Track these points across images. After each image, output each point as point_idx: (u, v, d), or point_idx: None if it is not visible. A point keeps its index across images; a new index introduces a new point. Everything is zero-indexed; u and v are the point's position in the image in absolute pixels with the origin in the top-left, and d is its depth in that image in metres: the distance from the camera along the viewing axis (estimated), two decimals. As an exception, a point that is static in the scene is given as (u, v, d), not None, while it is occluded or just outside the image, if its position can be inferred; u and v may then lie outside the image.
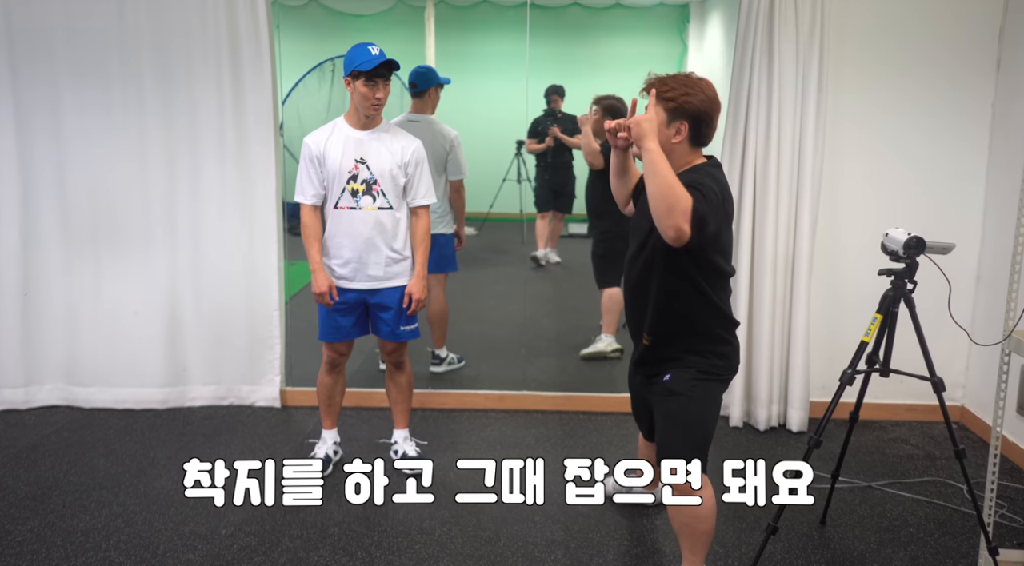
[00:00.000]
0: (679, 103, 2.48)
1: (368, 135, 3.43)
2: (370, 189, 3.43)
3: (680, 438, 2.64)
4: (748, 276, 4.17)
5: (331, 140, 3.42)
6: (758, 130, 4.05)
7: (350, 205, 3.43)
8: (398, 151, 3.45)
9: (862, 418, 4.25)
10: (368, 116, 3.41)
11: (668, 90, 2.49)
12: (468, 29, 10.34)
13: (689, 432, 2.65)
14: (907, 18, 4.08)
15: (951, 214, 4.21)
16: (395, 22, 10.30)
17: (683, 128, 2.51)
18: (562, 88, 8.16)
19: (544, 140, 7.75)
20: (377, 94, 3.34)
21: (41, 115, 4.18)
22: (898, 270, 2.72)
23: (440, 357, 4.97)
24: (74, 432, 4.10)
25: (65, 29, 4.12)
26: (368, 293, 3.53)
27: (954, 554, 3.10)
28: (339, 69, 10.97)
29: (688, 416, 2.65)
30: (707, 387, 2.67)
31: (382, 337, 3.63)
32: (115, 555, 2.99)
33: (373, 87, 3.32)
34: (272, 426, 4.22)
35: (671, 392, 2.67)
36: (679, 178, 2.39)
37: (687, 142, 2.54)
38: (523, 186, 8.78)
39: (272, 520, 3.26)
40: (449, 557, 3.03)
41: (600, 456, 3.89)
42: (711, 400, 2.70)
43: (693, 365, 2.66)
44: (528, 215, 8.80)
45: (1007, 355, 2.79)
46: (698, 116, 2.50)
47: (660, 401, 2.72)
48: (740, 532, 3.23)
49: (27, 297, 4.29)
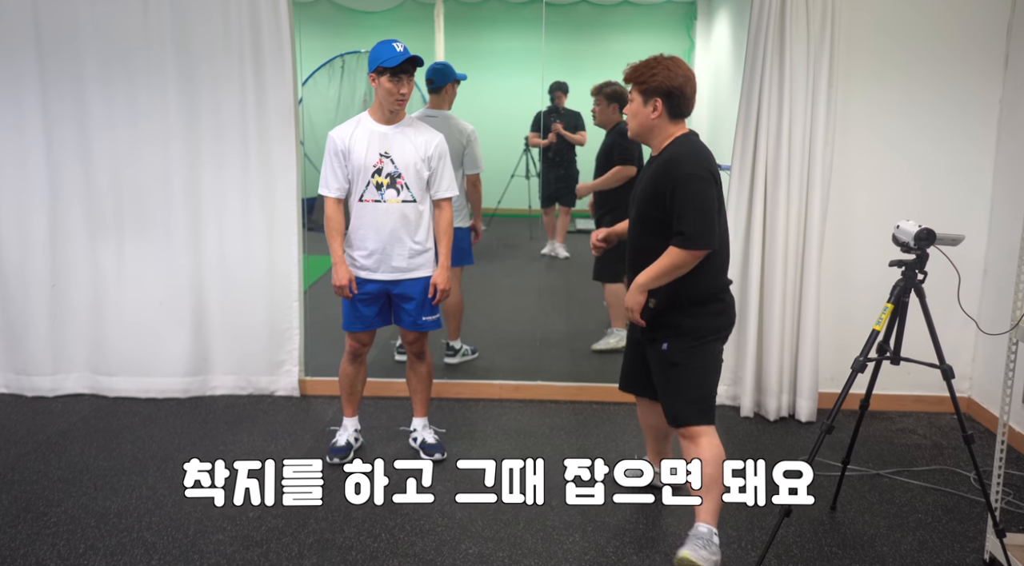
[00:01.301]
0: (647, 84, 2.85)
1: (392, 129, 3.51)
2: (394, 182, 3.51)
3: (684, 405, 2.93)
4: (759, 269, 4.26)
5: (356, 134, 3.51)
6: (769, 128, 4.14)
7: (375, 198, 3.52)
8: (422, 145, 3.53)
9: (871, 409, 4.36)
10: (393, 111, 3.49)
11: (638, 75, 2.88)
12: (477, 26, 10.42)
13: (692, 401, 2.92)
14: (915, 18, 4.16)
15: (958, 209, 4.29)
16: (405, 19, 10.38)
17: (657, 104, 2.85)
18: (565, 85, 8.26)
19: (547, 135, 7.85)
20: (402, 90, 3.43)
21: (68, 111, 4.28)
22: (909, 261, 2.80)
23: (455, 349, 5.06)
24: (100, 419, 4.20)
25: (91, 27, 4.21)
26: (391, 284, 3.62)
27: (961, 538, 3.19)
28: (348, 65, 11.09)
29: (689, 385, 2.92)
30: (704, 351, 2.92)
31: (404, 327, 3.71)
32: (148, 535, 3.09)
33: (398, 83, 3.41)
34: (292, 415, 4.32)
35: (670, 363, 2.92)
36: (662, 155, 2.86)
37: (665, 116, 2.87)
38: (531, 182, 8.87)
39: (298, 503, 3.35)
40: (470, 538, 3.13)
41: (613, 443, 4.03)
42: (710, 362, 2.97)
43: (689, 332, 2.90)
44: (537, 211, 8.90)
45: (1014, 344, 2.87)
46: (667, 90, 2.83)
47: (659, 368, 3.00)
48: (753, 516, 3.32)
49: (54, 289, 4.39)
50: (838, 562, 3.02)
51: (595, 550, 3.07)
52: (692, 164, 2.80)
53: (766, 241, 4.24)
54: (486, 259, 7.74)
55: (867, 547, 3.12)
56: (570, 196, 7.97)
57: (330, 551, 3.02)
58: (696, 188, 2.78)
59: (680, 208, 2.78)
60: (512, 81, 9.63)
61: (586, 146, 7.42)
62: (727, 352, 4.41)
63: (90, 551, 2.98)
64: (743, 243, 4.30)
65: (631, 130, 2.99)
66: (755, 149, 4.18)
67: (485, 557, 3.01)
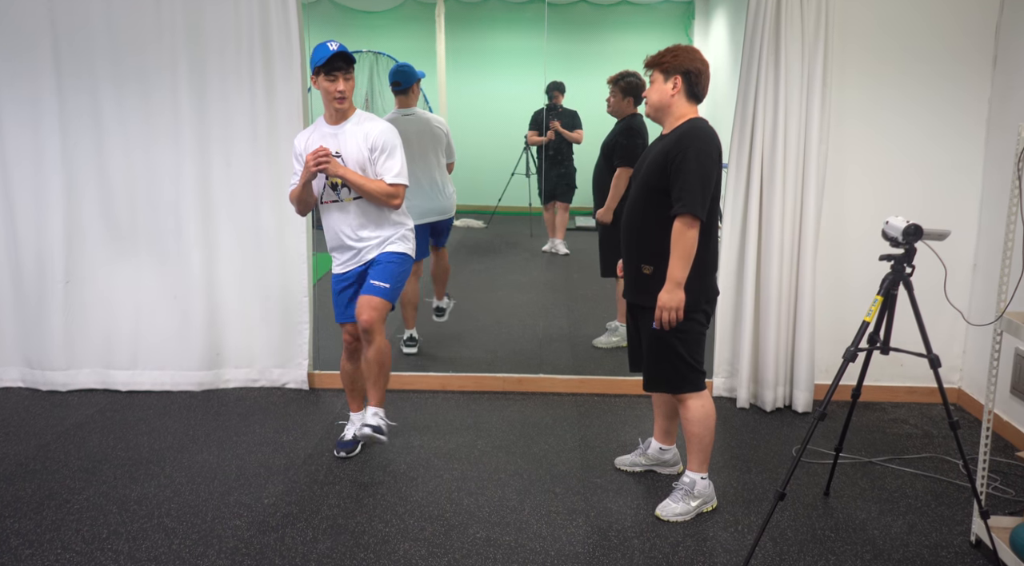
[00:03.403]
0: (669, 63, 3.14)
1: (339, 129, 3.60)
2: (346, 182, 3.58)
3: (665, 377, 3.29)
4: (755, 263, 4.38)
5: (311, 138, 3.62)
6: (765, 125, 4.26)
7: (332, 199, 3.64)
8: (362, 137, 3.57)
9: (865, 400, 4.52)
10: (337, 110, 3.57)
11: (660, 58, 3.18)
12: (478, 26, 10.52)
13: (676, 370, 3.24)
14: (908, 17, 4.28)
15: (949, 205, 4.42)
16: (406, 18, 10.48)
17: (678, 81, 3.14)
18: (562, 84, 8.38)
19: (545, 133, 7.98)
20: (338, 87, 3.48)
21: (82, 109, 4.40)
22: (897, 255, 2.92)
23: (442, 308, 5.47)
24: (116, 412, 4.32)
25: (105, 27, 4.32)
26: (362, 267, 3.74)
27: (949, 522, 3.32)
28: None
29: (677, 356, 3.22)
30: (691, 325, 3.19)
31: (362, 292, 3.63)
32: (168, 521, 3.22)
33: (333, 80, 3.48)
34: (302, 407, 4.44)
35: (657, 338, 3.21)
36: (675, 132, 3.12)
37: (683, 95, 3.16)
38: (531, 180, 8.98)
39: (311, 491, 3.48)
40: (477, 523, 3.25)
41: (614, 433, 4.15)
42: (695, 335, 3.24)
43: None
44: (537, 209, 9.01)
45: (999, 335, 2.99)
46: (686, 70, 3.13)
47: (648, 343, 3.28)
48: (749, 502, 3.45)
49: (68, 285, 4.50)
50: (830, 545, 3.14)
51: (598, 534, 3.19)
52: (704, 142, 3.09)
53: (762, 236, 4.36)
54: (488, 256, 7.87)
55: (859, 531, 3.25)
56: (568, 192, 8.09)
57: (343, 535, 3.14)
58: (702, 162, 3.05)
59: (684, 175, 3.04)
60: (513, 80, 9.73)
61: (583, 145, 7.54)
62: (723, 344, 4.56)
63: (113, 536, 3.10)
64: (740, 238, 4.42)
65: (649, 106, 3.24)
66: (751, 146, 4.30)
67: (492, 541, 3.13)
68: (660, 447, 3.69)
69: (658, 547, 3.11)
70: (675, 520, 3.29)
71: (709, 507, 3.38)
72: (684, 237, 3.04)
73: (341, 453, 3.82)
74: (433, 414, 4.36)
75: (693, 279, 3.14)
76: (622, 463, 3.76)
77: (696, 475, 3.35)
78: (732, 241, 4.44)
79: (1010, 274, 2.94)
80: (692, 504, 3.32)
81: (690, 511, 3.31)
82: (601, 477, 3.67)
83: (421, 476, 3.65)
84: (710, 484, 3.38)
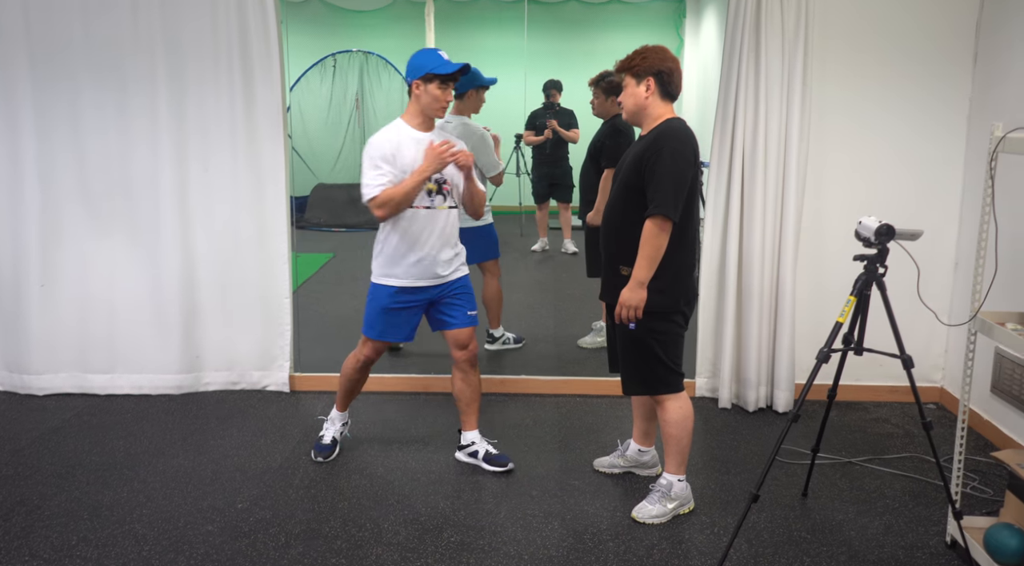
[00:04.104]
0: (639, 66, 3.13)
1: (431, 136, 3.47)
2: (441, 188, 3.49)
3: (642, 379, 3.26)
4: (736, 263, 4.36)
5: (401, 140, 3.43)
6: (746, 123, 4.24)
7: (426, 204, 3.46)
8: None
9: (847, 399, 4.52)
10: (433, 118, 3.48)
11: (629, 62, 3.17)
12: (468, 25, 10.51)
13: (653, 372, 3.22)
14: (889, 14, 4.26)
15: (931, 202, 4.40)
16: (395, 18, 10.47)
17: (650, 82, 3.12)
18: (559, 83, 8.36)
19: (542, 132, 7.96)
20: (448, 97, 3.44)
21: (59, 114, 4.37)
22: (871, 255, 2.90)
23: (495, 336, 5.34)
24: (93, 416, 4.29)
25: (82, 30, 4.29)
26: (435, 290, 3.58)
27: (926, 522, 3.30)
28: (340, 64, 11.18)
29: (655, 359, 3.19)
30: (667, 326, 3.18)
31: (455, 326, 3.62)
32: (139, 527, 3.19)
33: (445, 90, 3.40)
34: (281, 410, 4.42)
35: (634, 339, 3.18)
36: (651, 133, 3.11)
37: (657, 95, 3.14)
38: (522, 179, 8.97)
39: (285, 495, 3.46)
40: (452, 527, 3.23)
41: (594, 435, 4.13)
42: (672, 338, 3.21)
43: (658, 309, 3.13)
44: (527, 207, 8.99)
45: (973, 335, 2.97)
46: (657, 70, 3.11)
47: (624, 345, 3.25)
48: (726, 503, 3.43)
49: (44, 288, 4.48)
50: (806, 546, 3.12)
51: (573, 537, 3.17)
52: (679, 142, 3.07)
53: (743, 235, 4.34)
54: (476, 256, 7.82)
55: (835, 532, 3.23)
56: (567, 192, 8.09)
57: (316, 541, 3.12)
58: (676, 162, 3.03)
59: (658, 177, 3.02)
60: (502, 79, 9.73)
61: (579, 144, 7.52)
62: (705, 345, 4.54)
63: (83, 543, 3.07)
64: (721, 237, 4.40)
65: (626, 111, 3.23)
66: (732, 144, 4.28)
67: (466, 545, 3.11)
68: (639, 449, 3.67)
69: (632, 550, 3.09)
70: (651, 522, 3.27)
71: (686, 509, 3.36)
72: (653, 238, 3.03)
73: (319, 458, 3.78)
74: (413, 416, 4.34)
75: (671, 280, 3.13)
76: (600, 465, 3.74)
77: (673, 477, 3.33)
78: (713, 240, 4.42)
79: (984, 274, 2.92)
80: (669, 506, 3.31)
81: (666, 513, 3.30)
82: (579, 479, 3.65)
83: (398, 479, 3.63)
84: (687, 486, 3.36)
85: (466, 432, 3.81)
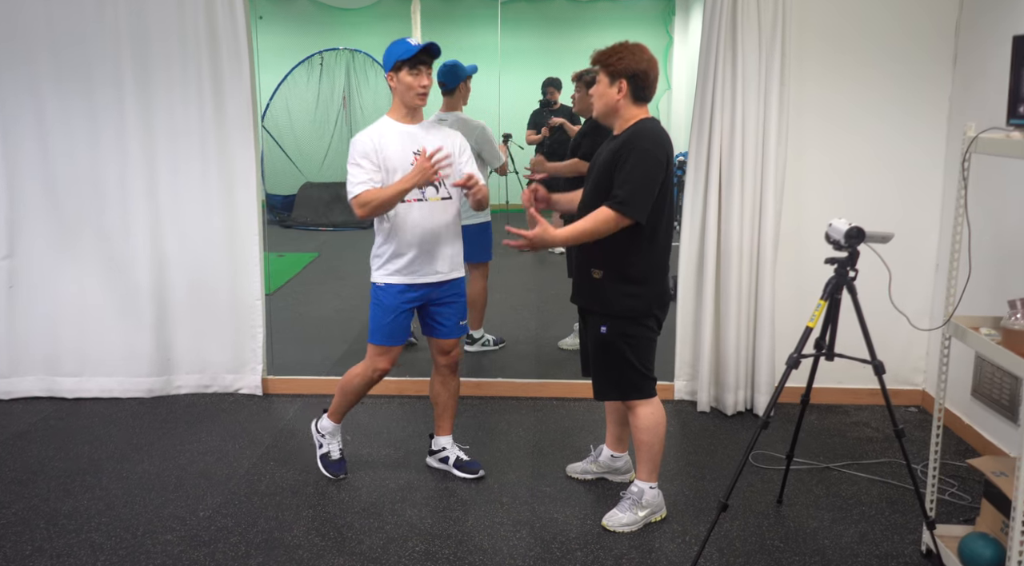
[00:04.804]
0: (614, 66, 3.03)
1: (418, 129, 3.39)
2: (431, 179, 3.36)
3: (614, 384, 3.20)
4: (715, 265, 4.30)
5: (385, 135, 3.35)
6: (723, 125, 4.17)
7: (417, 197, 3.35)
8: (446, 137, 3.44)
9: (826, 402, 4.46)
10: (415, 107, 3.36)
11: (605, 59, 3.06)
12: (454, 23, 10.43)
13: (629, 378, 3.16)
14: (868, 13, 4.19)
15: (911, 203, 4.34)
16: (381, 16, 10.39)
17: (623, 85, 3.03)
18: (558, 81, 8.32)
19: (541, 131, 7.92)
20: (423, 82, 3.29)
21: (25, 117, 4.29)
22: (841, 258, 2.84)
23: (474, 337, 5.27)
24: (60, 420, 4.22)
25: (47, 32, 4.22)
26: (433, 288, 3.48)
27: (902, 530, 3.24)
28: (327, 61, 11.11)
29: (625, 364, 3.13)
30: (638, 331, 3.12)
31: (445, 335, 3.55)
32: (96, 537, 3.12)
33: (417, 75, 3.29)
34: (252, 413, 4.35)
35: (606, 343, 3.13)
36: (624, 134, 3.04)
37: (629, 98, 3.05)
38: (509, 178, 8.90)
39: (249, 503, 3.39)
40: (418, 536, 3.16)
41: (569, 439, 4.07)
42: (644, 342, 3.15)
43: (627, 313, 3.09)
44: (515, 207, 8.92)
45: (948, 340, 2.91)
46: (632, 73, 3.02)
47: (596, 348, 3.19)
48: (699, 511, 3.36)
49: (12, 290, 4.40)
50: (779, 555, 3.06)
51: (540, 546, 3.10)
52: (651, 142, 2.99)
53: (721, 236, 4.28)
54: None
55: (809, 540, 3.17)
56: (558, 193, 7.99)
57: (277, 550, 3.05)
58: (647, 163, 2.96)
59: (626, 174, 2.94)
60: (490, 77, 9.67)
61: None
62: (684, 348, 4.47)
63: (36, 553, 3.00)
64: (699, 238, 4.34)
65: (596, 110, 3.15)
66: (709, 145, 4.21)
67: (431, 554, 3.04)
68: (612, 454, 3.61)
69: (601, 559, 3.02)
70: (621, 530, 3.21)
71: (658, 517, 3.30)
72: (601, 224, 2.95)
73: (340, 475, 3.62)
74: (385, 421, 4.27)
75: (642, 284, 3.06)
76: (573, 471, 3.67)
77: (645, 484, 3.26)
78: (691, 241, 4.35)
79: (958, 277, 2.86)
80: (640, 514, 3.24)
81: (637, 521, 3.23)
82: (551, 486, 3.58)
83: (366, 486, 3.56)
84: (659, 493, 3.30)
85: (439, 437, 3.75)
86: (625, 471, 3.61)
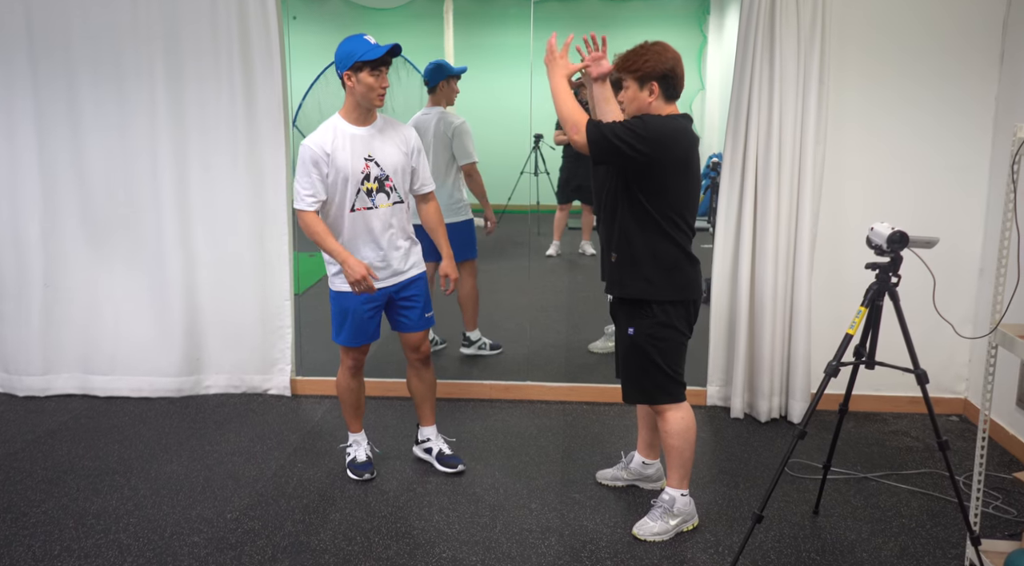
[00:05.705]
0: (641, 70, 2.95)
1: (370, 131, 3.35)
2: (383, 186, 3.36)
3: (641, 387, 3.14)
4: (750, 268, 4.21)
5: (337, 141, 3.29)
6: (759, 127, 4.08)
7: (366, 205, 3.34)
8: (402, 142, 3.42)
9: (865, 410, 4.35)
10: (370, 110, 3.32)
11: (630, 64, 2.97)
12: (487, 22, 10.38)
13: (652, 379, 3.10)
14: (909, 14, 4.08)
15: (954, 208, 4.22)
16: (414, 15, 10.37)
17: (654, 87, 2.96)
18: None
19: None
20: (384, 83, 3.25)
21: (59, 112, 4.32)
22: (883, 264, 2.75)
23: (471, 339, 5.17)
24: (91, 419, 4.24)
25: (82, 26, 4.24)
26: (394, 288, 3.49)
27: (944, 545, 3.13)
28: (359, 63, 11.11)
29: (654, 367, 3.07)
30: (667, 333, 3.05)
31: (410, 329, 3.56)
32: (124, 537, 3.11)
33: (379, 76, 3.24)
34: (281, 414, 4.33)
35: (634, 346, 3.09)
36: None
37: (661, 98, 2.98)
38: (539, 179, 8.84)
39: (276, 506, 3.37)
40: (445, 542, 3.12)
41: (599, 445, 4.00)
42: (673, 345, 3.08)
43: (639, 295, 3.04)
44: (545, 207, 8.85)
45: (994, 348, 2.81)
46: (661, 73, 2.95)
47: (625, 352, 3.15)
48: (733, 521, 3.28)
49: (47, 289, 4.43)
50: (815, 568, 2.98)
51: (569, 554, 3.04)
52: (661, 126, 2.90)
53: (756, 240, 4.19)
54: (491, 257, 7.71)
55: (846, 553, 3.08)
56: (591, 193, 7.90)
57: (303, 554, 3.02)
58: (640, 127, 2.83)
59: (624, 122, 2.87)
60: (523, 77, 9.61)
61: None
62: (717, 352, 4.39)
63: (65, 553, 3.00)
64: (734, 242, 4.26)
65: (628, 115, 3.05)
66: (745, 148, 4.12)
67: (458, 561, 2.99)
68: (643, 461, 3.54)
69: (631, 570, 2.96)
70: (652, 539, 3.14)
71: (690, 526, 3.22)
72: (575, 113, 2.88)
73: (365, 475, 3.61)
74: (413, 424, 4.23)
75: (656, 269, 3.01)
76: (603, 477, 3.61)
77: (676, 492, 3.19)
78: (726, 245, 4.27)
79: (1005, 284, 2.76)
80: (671, 523, 3.17)
81: (669, 530, 3.16)
82: (580, 492, 3.52)
83: (393, 490, 3.52)
84: (691, 501, 3.23)
85: (423, 427, 3.78)
86: (656, 479, 3.54)
